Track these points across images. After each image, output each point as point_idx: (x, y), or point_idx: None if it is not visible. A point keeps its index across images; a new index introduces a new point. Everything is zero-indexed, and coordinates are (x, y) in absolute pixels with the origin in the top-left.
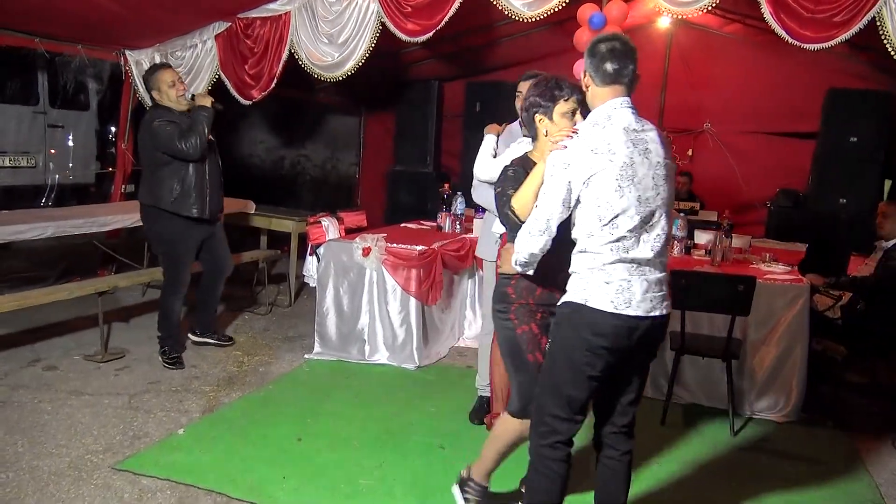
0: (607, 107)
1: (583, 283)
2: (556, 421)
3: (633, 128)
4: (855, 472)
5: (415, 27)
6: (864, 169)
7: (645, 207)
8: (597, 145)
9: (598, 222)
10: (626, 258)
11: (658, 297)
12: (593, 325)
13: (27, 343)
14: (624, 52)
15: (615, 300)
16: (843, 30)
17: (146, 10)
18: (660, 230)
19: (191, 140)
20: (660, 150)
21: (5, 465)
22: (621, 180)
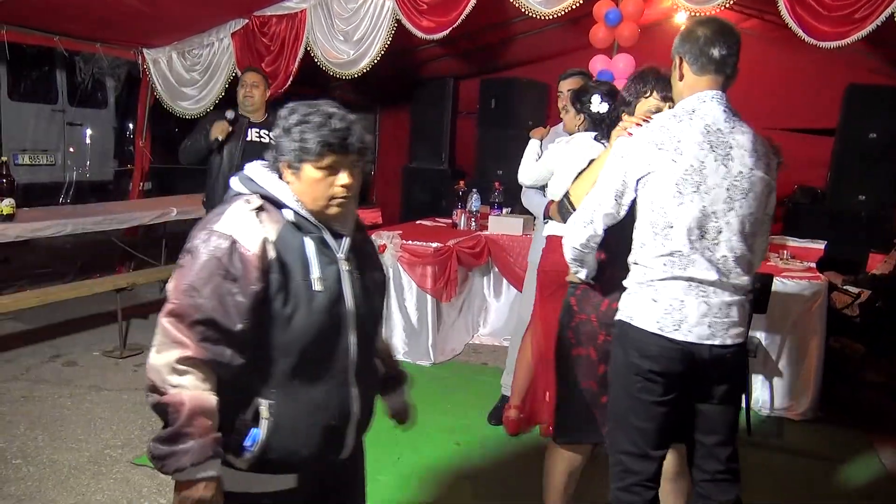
0: (694, 99)
1: (630, 298)
2: (628, 458)
3: (718, 127)
4: (872, 471)
5: (430, 24)
6: (884, 166)
7: (709, 222)
8: (663, 140)
9: (651, 230)
10: (682, 276)
11: (722, 324)
12: (639, 346)
13: (48, 339)
14: (734, 37)
15: (661, 321)
16: (860, 26)
17: (164, 3)
18: (727, 251)
19: (183, 147)
20: (748, 159)
21: (26, 459)
22: (683, 185)
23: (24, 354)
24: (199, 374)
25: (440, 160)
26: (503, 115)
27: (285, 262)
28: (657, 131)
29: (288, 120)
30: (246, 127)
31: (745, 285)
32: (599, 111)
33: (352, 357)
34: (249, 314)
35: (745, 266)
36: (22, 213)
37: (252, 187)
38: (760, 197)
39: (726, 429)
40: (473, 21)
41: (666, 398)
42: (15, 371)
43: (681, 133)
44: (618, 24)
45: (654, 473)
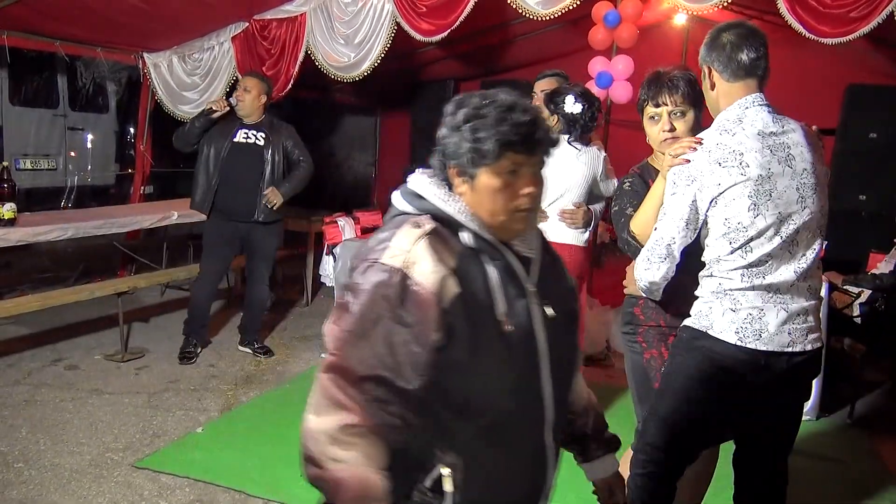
0: (736, 108)
1: (706, 307)
2: (654, 451)
3: (771, 130)
4: (874, 471)
5: (429, 27)
6: (885, 165)
7: (788, 226)
8: (725, 156)
9: (728, 246)
10: (762, 285)
11: (801, 330)
12: (713, 356)
13: (49, 342)
14: (760, 37)
15: (741, 331)
16: (861, 24)
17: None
18: (806, 250)
19: (175, 135)
20: (806, 154)
21: (28, 463)
22: (757, 197)
23: (26, 358)
24: (367, 446)
25: None
26: None
27: (468, 299)
28: (716, 150)
29: (456, 116)
30: (237, 127)
31: (819, 288)
32: (573, 112)
33: (548, 412)
34: (427, 367)
35: (818, 266)
36: (23, 217)
37: (420, 205)
38: (823, 190)
39: (786, 438)
40: (472, 23)
41: (723, 412)
42: (17, 375)
43: (738, 145)
44: (616, 25)
45: (673, 474)
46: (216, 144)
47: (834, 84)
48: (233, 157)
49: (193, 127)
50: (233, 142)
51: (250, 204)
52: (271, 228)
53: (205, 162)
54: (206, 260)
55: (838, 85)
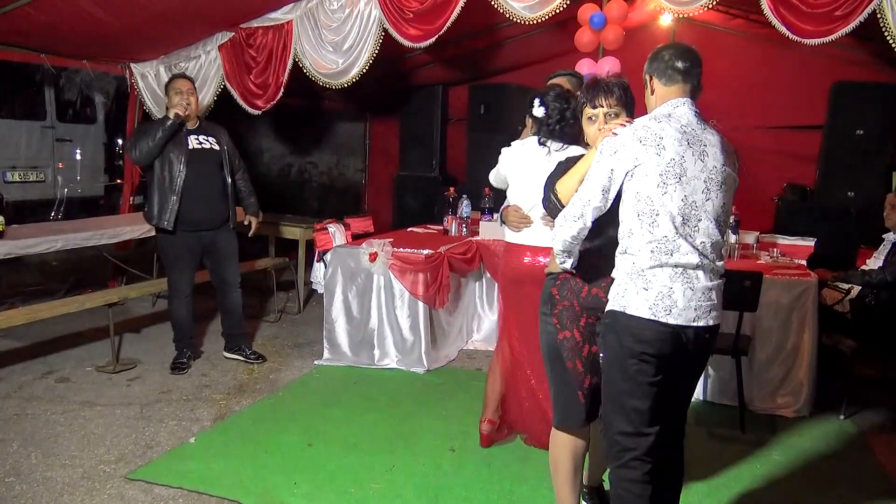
0: (667, 105)
1: (622, 289)
2: (625, 438)
3: (693, 128)
4: (866, 466)
5: (417, 32)
6: (872, 161)
7: (690, 210)
8: (646, 136)
9: (637, 220)
10: (668, 262)
11: (704, 307)
12: (634, 332)
13: (40, 355)
14: (693, 55)
15: (654, 307)
16: (843, 24)
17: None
18: (705, 237)
19: (136, 146)
20: (719, 155)
21: (20, 477)
22: (666, 176)
23: (17, 371)
24: None
25: (431, 167)
26: (493, 120)
27: None
28: (640, 129)
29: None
30: (185, 134)
31: (721, 270)
32: (537, 115)
33: None
34: None
35: (720, 252)
36: (12, 230)
37: None
38: (730, 191)
39: (686, 401)
40: (460, 28)
41: (657, 378)
42: (7, 388)
43: (661, 131)
44: (602, 27)
45: (649, 448)
46: (171, 154)
47: (820, 81)
48: (193, 166)
49: (160, 137)
50: (188, 149)
51: (219, 211)
52: (232, 230)
53: (161, 173)
54: (178, 275)
55: (824, 82)
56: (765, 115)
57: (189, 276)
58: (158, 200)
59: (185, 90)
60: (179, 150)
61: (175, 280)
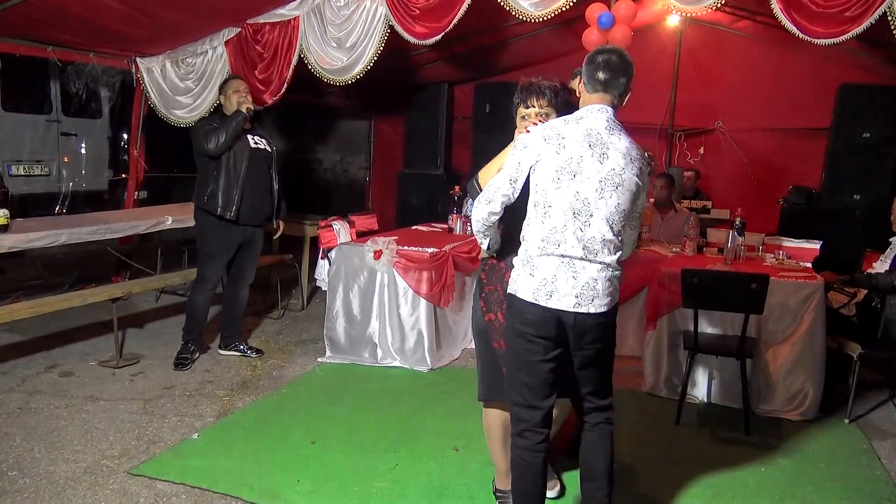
0: (584, 110)
1: (515, 274)
2: (519, 410)
3: (598, 132)
4: (871, 470)
5: (423, 30)
6: (878, 164)
7: (582, 205)
8: (551, 135)
9: (534, 209)
10: (556, 252)
11: (588, 295)
12: (520, 314)
13: (43, 349)
14: (619, 65)
15: (536, 291)
16: (853, 25)
17: (156, 11)
18: (596, 232)
19: (214, 137)
20: (620, 159)
21: (23, 471)
22: (561, 172)
23: (20, 365)
24: None
25: (435, 165)
26: (498, 119)
27: None
28: (548, 128)
29: None
30: (244, 133)
31: (612, 263)
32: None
33: None
34: None
35: (611, 248)
36: (17, 223)
37: None
38: (628, 193)
39: (595, 383)
40: (466, 26)
41: (546, 357)
42: (10, 382)
43: (566, 132)
44: (610, 26)
45: (541, 420)
46: (237, 150)
47: (826, 84)
48: (253, 164)
49: (232, 129)
50: (250, 148)
51: (266, 209)
52: (262, 229)
53: (228, 166)
54: (211, 266)
55: (831, 85)
56: (771, 116)
57: (219, 270)
58: (224, 192)
59: (244, 90)
60: (243, 147)
61: (210, 269)
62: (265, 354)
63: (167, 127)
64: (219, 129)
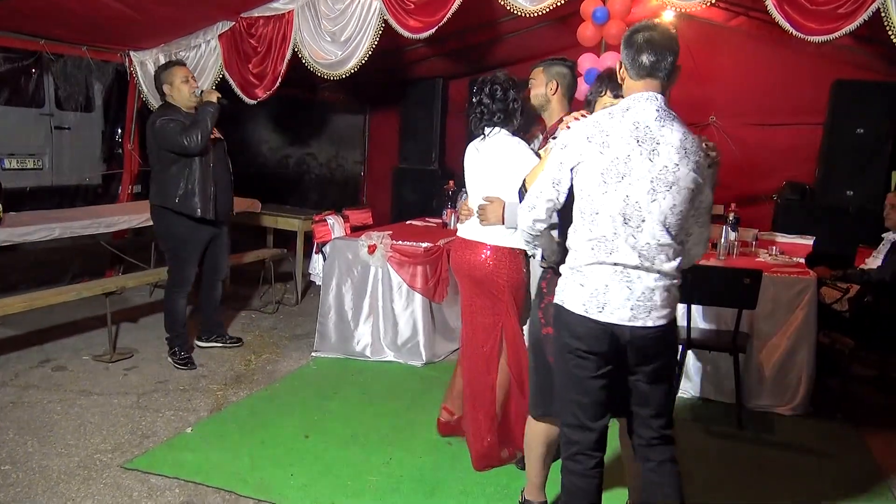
0: (630, 99)
1: (563, 283)
2: (570, 430)
3: (647, 125)
4: (863, 465)
5: (417, 24)
6: (872, 160)
7: (633, 210)
8: (593, 133)
9: (580, 215)
10: (608, 261)
11: (644, 307)
12: (569, 327)
13: (36, 344)
14: (664, 41)
15: (587, 303)
16: (847, 21)
17: (149, 7)
18: (651, 239)
19: (193, 134)
20: (673, 154)
21: (15, 465)
22: (607, 175)
23: (13, 360)
24: None
25: (430, 160)
26: None
27: None
28: (590, 126)
29: None
30: None
31: (670, 271)
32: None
33: None
34: None
35: (670, 253)
36: (9, 217)
37: None
38: (685, 192)
39: (658, 403)
40: (461, 20)
41: (598, 374)
42: (3, 376)
43: (610, 128)
44: (605, 22)
45: (594, 443)
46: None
47: (820, 80)
48: (219, 158)
49: (209, 123)
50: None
51: (230, 203)
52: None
53: (203, 165)
54: (189, 268)
55: (825, 81)
56: (765, 112)
57: (194, 270)
58: (201, 191)
59: (190, 76)
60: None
61: (186, 271)
62: (260, 349)
63: None
64: (195, 125)
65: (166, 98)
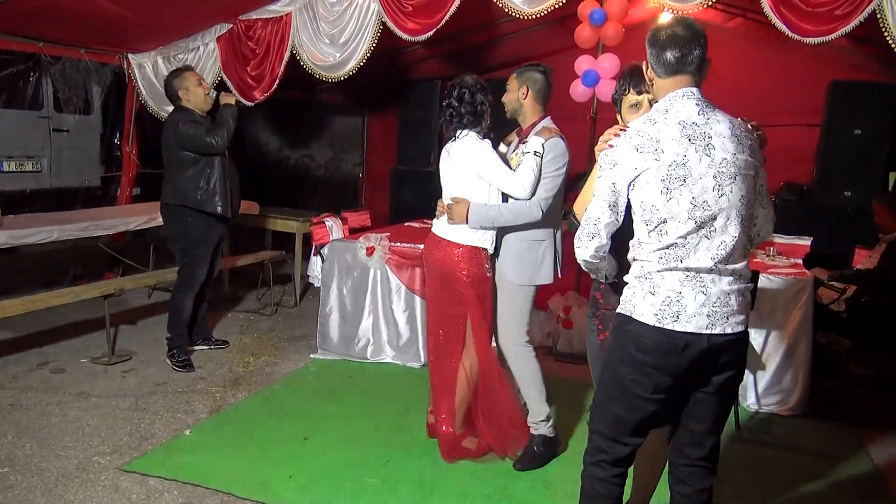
0: (665, 100)
1: (630, 292)
2: (600, 439)
3: (693, 121)
4: (860, 465)
5: (415, 26)
6: (869, 161)
7: (702, 211)
8: (642, 142)
9: (645, 228)
10: (679, 267)
11: (721, 313)
12: (637, 339)
13: (35, 346)
14: (688, 36)
15: (660, 313)
16: (843, 23)
17: (147, 9)
18: (724, 236)
19: (219, 133)
20: (728, 145)
21: (14, 468)
22: (669, 181)
23: (11, 362)
24: None
25: (428, 162)
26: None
27: None
28: (636, 136)
29: None
30: None
31: (744, 271)
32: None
33: None
34: None
35: (743, 252)
36: (8, 220)
37: None
38: (748, 179)
39: (716, 419)
40: (459, 22)
41: (653, 395)
42: (2, 379)
43: (657, 133)
44: (602, 23)
45: (623, 456)
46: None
47: (818, 81)
48: (231, 158)
49: (230, 123)
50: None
51: (239, 203)
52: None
53: (223, 165)
54: (201, 265)
55: (823, 82)
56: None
57: (205, 269)
58: (221, 189)
59: (201, 79)
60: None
61: (199, 270)
62: (258, 351)
63: (160, 123)
64: (220, 125)
65: (181, 102)
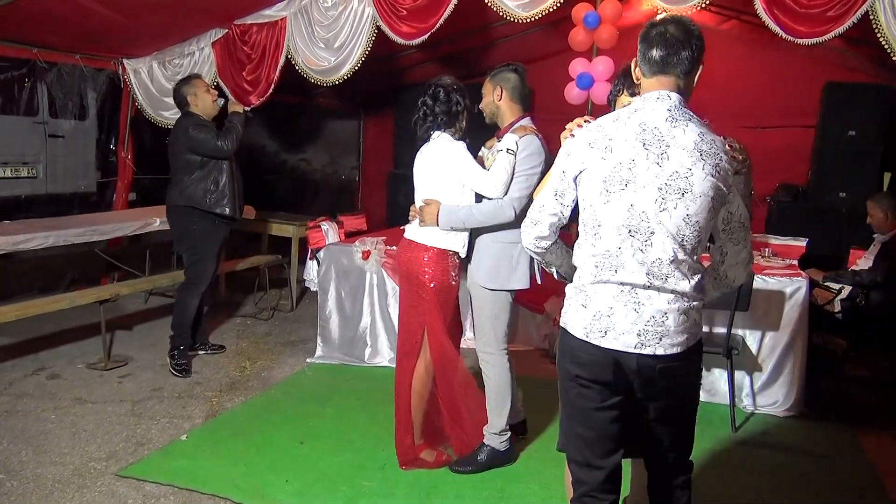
0: (640, 99)
1: (567, 304)
2: (576, 468)
3: (656, 126)
4: (856, 465)
5: (410, 30)
6: (864, 162)
7: (639, 221)
8: (596, 138)
9: (584, 229)
10: (613, 280)
11: (654, 332)
12: (571, 352)
13: (31, 352)
14: (678, 37)
15: (589, 327)
16: (836, 24)
17: (142, 14)
18: (661, 253)
19: (229, 138)
20: (685, 159)
21: (10, 474)
22: (609, 183)
23: (7, 368)
24: None
25: None
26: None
27: None
28: (592, 130)
29: None
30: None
31: (688, 292)
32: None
33: None
34: None
35: (687, 271)
36: (3, 226)
37: None
38: (702, 200)
39: (669, 446)
40: (454, 26)
41: (603, 405)
42: None
43: (614, 132)
44: (596, 26)
45: (602, 483)
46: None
47: (812, 82)
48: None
49: (239, 128)
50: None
51: (242, 205)
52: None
53: (231, 168)
54: (208, 264)
55: (817, 83)
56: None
57: (213, 271)
58: (230, 192)
59: (209, 86)
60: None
61: (206, 270)
62: (255, 355)
63: (155, 128)
64: (229, 130)
65: (189, 108)
